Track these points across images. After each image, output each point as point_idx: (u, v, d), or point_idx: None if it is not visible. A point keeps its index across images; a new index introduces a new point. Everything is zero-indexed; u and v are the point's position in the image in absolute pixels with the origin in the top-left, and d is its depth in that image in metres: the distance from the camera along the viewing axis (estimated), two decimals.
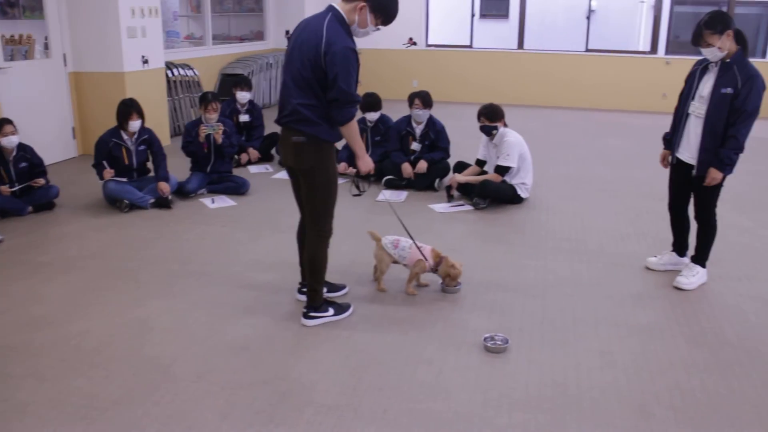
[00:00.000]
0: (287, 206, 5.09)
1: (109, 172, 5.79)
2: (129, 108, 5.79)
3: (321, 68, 3.31)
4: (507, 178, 6.01)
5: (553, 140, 9.22)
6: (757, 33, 17.21)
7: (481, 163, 6.30)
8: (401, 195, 6.39)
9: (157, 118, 8.26)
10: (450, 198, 6.21)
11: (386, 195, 6.38)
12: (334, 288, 4.09)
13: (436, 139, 6.67)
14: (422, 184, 6.54)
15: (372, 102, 6.96)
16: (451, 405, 3.01)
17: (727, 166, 3.97)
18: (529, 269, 4.60)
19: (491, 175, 6.03)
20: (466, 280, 4.33)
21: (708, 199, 4.20)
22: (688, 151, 4.20)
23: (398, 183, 6.60)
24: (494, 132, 6.03)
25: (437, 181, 6.58)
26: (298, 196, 3.71)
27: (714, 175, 4.01)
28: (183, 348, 3.48)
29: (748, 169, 7.67)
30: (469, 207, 6.00)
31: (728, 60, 3.96)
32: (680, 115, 4.27)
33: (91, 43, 7.67)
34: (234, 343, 3.54)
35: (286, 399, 3.04)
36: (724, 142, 3.96)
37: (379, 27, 3.45)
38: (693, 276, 4.30)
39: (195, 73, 9.68)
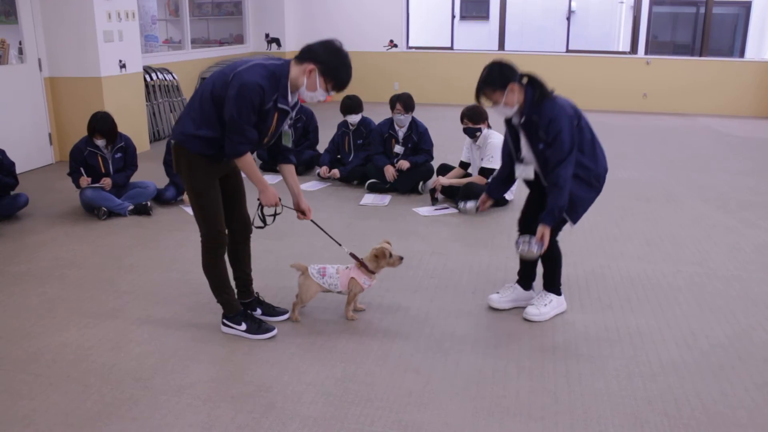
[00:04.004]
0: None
1: (85, 180, 5.66)
2: (93, 127, 5.66)
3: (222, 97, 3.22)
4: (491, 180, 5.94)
5: None
6: (735, 32, 17.37)
7: (465, 165, 6.24)
8: (385, 199, 6.31)
9: (136, 124, 8.12)
10: (434, 201, 6.14)
11: (369, 199, 6.30)
12: (272, 311, 3.85)
13: (419, 141, 6.61)
14: (406, 187, 6.47)
15: (353, 104, 6.88)
16: (440, 415, 2.93)
17: (555, 217, 3.52)
18: (516, 273, 4.53)
19: (475, 178, 5.97)
20: (452, 285, 4.28)
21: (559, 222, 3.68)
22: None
23: (381, 186, 6.52)
24: (478, 134, 5.98)
25: (421, 184, 6.51)
26: None
27: (543, 230, 3.53)
28: (163, 360, 3.38)
29: (732, 168, 7.70)
30: (453, 210, 5.94)
31: (524, 118, 3.55)
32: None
33: (67, 47, 7.52)
34: (216, 355, 3.44)
35: (270, 412, 2.94)
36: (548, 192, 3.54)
37: (331, 93, 3.32)
38: (544, 306, 3.84)
39: (174, 78, 9.55)
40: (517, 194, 6.19)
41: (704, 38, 12.34)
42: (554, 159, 3.48)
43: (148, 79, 8.96)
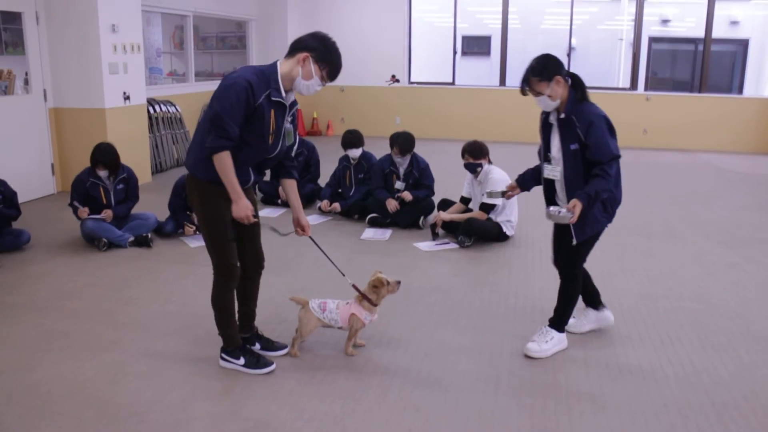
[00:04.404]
0: (273, 246, 4.94)
1: (84, 211, 5.67)
2: (96, 158, 5.71)
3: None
4: (492, 216, 5.95)
5: None
6: (733, 69, 17.53)
7: (465, 200, 6.24)
8: (385, 233, 6.31)
9: (138, 155, 8.16)
10: (435, 236, 6.13)
11: (370, 233, 6.29)
12: (271, 346, 3.82)
13: (420, 177, 6.62)
14: (406, 221, 6.47)
15: (354, 139, 6.91)
16: None
17: (591, 198, 3.51)
18: (516, 309, 4.51)
19: (476, 213, 5.97)
20: (453, 321, 4.25)
21: (575, 251, 3.76)
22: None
23: (382, 221, 6.52)
24: (479, 169, 5.99)
25: (422, 219, 6.51)
26: None
27: (575, 203, 3.51)
28: (160, 394, 3.34)
29: (733, 204, 7.70)
30: (454, 245, 5.92)
31: (563, 115, 3.61)
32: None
33: (72, 78, 7.60)
34: (214, 389, 3.40)
35: None
36: (590, 180, 3.56)
37: (325, 83, 3.35)
38: (546, 342, 3.81)
39: (177, 110, 9.62)
40: (518, 231, 6.19)
41: (703, 75, 12.45)
42: (601, 158, 3.52)
43: (152, 111, 9.03)
